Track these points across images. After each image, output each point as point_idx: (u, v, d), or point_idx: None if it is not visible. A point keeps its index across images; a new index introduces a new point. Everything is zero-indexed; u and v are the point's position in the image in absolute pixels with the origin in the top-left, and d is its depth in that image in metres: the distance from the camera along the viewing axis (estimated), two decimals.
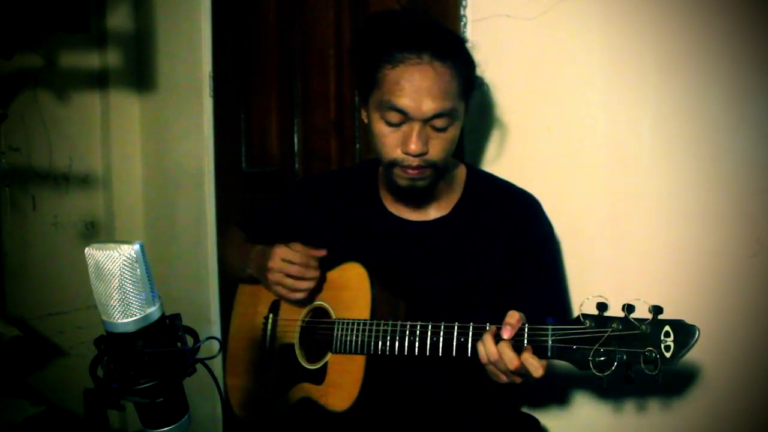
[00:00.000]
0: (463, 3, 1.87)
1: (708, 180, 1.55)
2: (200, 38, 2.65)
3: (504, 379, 1.34)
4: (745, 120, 1.52)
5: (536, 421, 1.71)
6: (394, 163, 1.51)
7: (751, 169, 1.51)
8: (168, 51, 2.80)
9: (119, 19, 2.84)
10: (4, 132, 2.64)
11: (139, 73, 2.91)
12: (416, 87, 1.44)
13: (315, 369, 1.59)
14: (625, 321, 1.21)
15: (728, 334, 1.53)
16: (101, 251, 0.95)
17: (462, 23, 1.87)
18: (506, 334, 1.29)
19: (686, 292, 1.53)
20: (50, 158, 2.76)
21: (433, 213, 1.63)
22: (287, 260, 1.57)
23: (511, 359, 1.28)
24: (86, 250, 0.96)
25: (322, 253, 1.58)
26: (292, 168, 2.40)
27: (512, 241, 1.57)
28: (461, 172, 1.67)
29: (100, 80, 2.87)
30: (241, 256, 1.77)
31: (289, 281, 1.58)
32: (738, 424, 1.54)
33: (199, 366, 1.03)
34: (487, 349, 1.31)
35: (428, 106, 1.44)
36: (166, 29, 2.80)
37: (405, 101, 1.44)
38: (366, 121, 1.58)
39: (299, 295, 1.59)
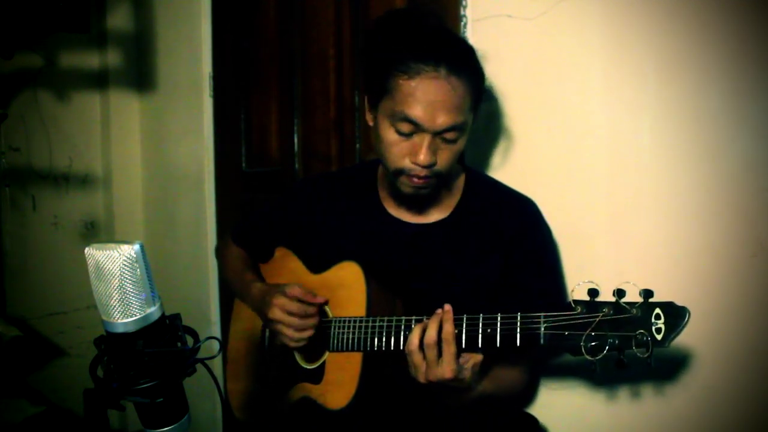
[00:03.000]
0: (463, 3, 1.87)
1: (708, 180, 1.55)
2: (200, 38, 2.65)
3: (422, 378, 1.38)
4: (745, 120, 1.52)
5: (535, 420, 1.71)
6: (400, 172, 1.50)
7: (751, 169, 1.51)
8: (168, 51, 2.80)
9: (119, 19, 2.84)
10: (4, 132, 2.64)
11: (139, 73, 2.91)
12: (432, 100, 1.43)
13: (313, 368, 1.59)
14: (615, 305, 1.23)
15: (728, 334, 1.53)
16: (101, 251, 0.95)
17: (462, 23, 1.87)
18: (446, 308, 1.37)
19: (686, 292, 1.52)
20: (50, 158, 2.76)
21: (432, 216, 1.63)
22: (287, 311, 1.56)
23: (449, 330, 1.35)
24: (86, 250, 0.96)
25: (321, 300, 1.57)
26: (292, 168, 2.40)
27: (511, 247, 1.57)
28: (459, 174, 1.67)
29: (100, 80, 2.87)
30: (241, 286, 1.78)
31: (290, 332, 1.57)
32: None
33: (199, 366, 1.03)
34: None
35: (442, 120, 1.44)
36: (166, 29, 2.80)
37: (419, 114, 1.44)
38: (371, 124, 1.57)
39: (301, 344, 1.58)
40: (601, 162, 1.69)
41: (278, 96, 2.45)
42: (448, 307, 1.37)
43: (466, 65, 1.47)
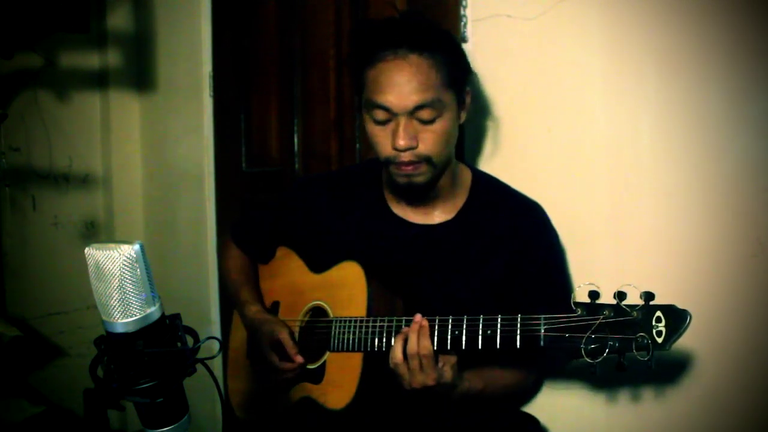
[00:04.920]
0: (463, 3, 1.87)
1: (708, 180, 1.55)
2: (200, 38, 2.65)
3: (406, 386, 1.40)
4: (745, 120, 1.52)
5: (536, 420, 1.71)
6: (388, 162, 1.51)
7: (751, 169, 1.51)
8: (168, 51, 2.80)
9: (119, 19, 2.84)
10: (4, 132, 2.63)
11: (139, 73, 2.91)
12: (394, 81, 1.46)
13: (314, 368, 1.59)
14: (616, 308, 1.23)
15: (729, 335, 1.53)
16: (101, 251, 0.95)
17: (462, 23, 1.87)
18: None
19: (686, 292, 1.52)
20: (50, 158, 2.76)
21: (438, 216, 1.62)
22: (270, 353, 1.61)
23: (426, 346, 1.37)
24: (86, 250, 0.96)
25: (300, 361, 1.58)
26: (292, 168, 2.40)
27: (517, 251, 1.57)
28: (466, 174, 1.66)
29: (100, 80, 2.87)
30: (236, 302, 1.80)
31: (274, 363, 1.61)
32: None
33: (199, 366, 1.03)
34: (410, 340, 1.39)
35: (408, 99, 1.45)
36: (166, 29, 2.79)
37: (385, 97, 1.46)
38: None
39: (282, 384, 1.62)
40: (601, 162, 1.69)
41: (278, 96, 2.45)
42: (425, 322, 1.39)
43: (428, 43, 1.48)
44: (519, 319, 1.32)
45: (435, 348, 1.39)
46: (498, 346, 1.33)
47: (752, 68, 1.49)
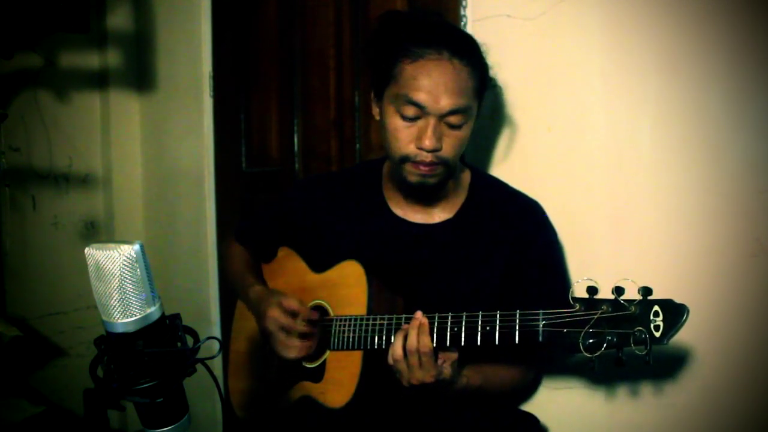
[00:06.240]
0: (463, 3, 1.87)
1: (708, 180, 1.55)
2: (200, 38, 2.65)
3: (405, 383, 1.40)
4: (745, 120, 1.52)
5: (535, 419, 1.71)
6: (406, 159, 1.51)
7: (751, 169, 1.51)
8: (168, 51, 2.80)
9: (119, 19, 2.84)
10: (4, 132, 2.63)
11: (139, 73, 2.91)
12: (434, 82, 1.45)
13: (314, 367, 1.59)
14: (614, 303, 1.23)
15: (728, 334, 1.53)
16: (101, 251, 0.95)
17: (462, 23, 1.87)
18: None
19: (686, 292, 1.52)
20: (50, 158, 2.76)
21: (437, 216, 1.63)
22: (280, 326, 1.57)
23: (426, 344, 1.37)
24: (86, 250, 0.96)
25: (315, 315, 1.58)
26: (292, 168, 2.40)
27: (517, 249, 1.57)
28: (465, 174, 1.66)
29: (100, 80, 2.87)
30: (240, 288, 1.79)
31: (284, 346, 1.58)
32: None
33: (199, 366, 1.03)
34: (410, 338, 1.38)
35: (445, 102, 1.45)
36: (166, 29, 2.80)
37: (422, 95, 1.45)
38: (378, 117, 1.58)
39: (292, 354, 1.58)
40: (601, 161, 1.69)
41: (278, 96, 2.45)
42: (425, 319, 1.39)
43: (468, 51, 1.50)
44: (517, 315, 1.32)
45: (434, 345, 1.39)
46: (497, 342, 1.34)
47: (752, 68, 1.49)
